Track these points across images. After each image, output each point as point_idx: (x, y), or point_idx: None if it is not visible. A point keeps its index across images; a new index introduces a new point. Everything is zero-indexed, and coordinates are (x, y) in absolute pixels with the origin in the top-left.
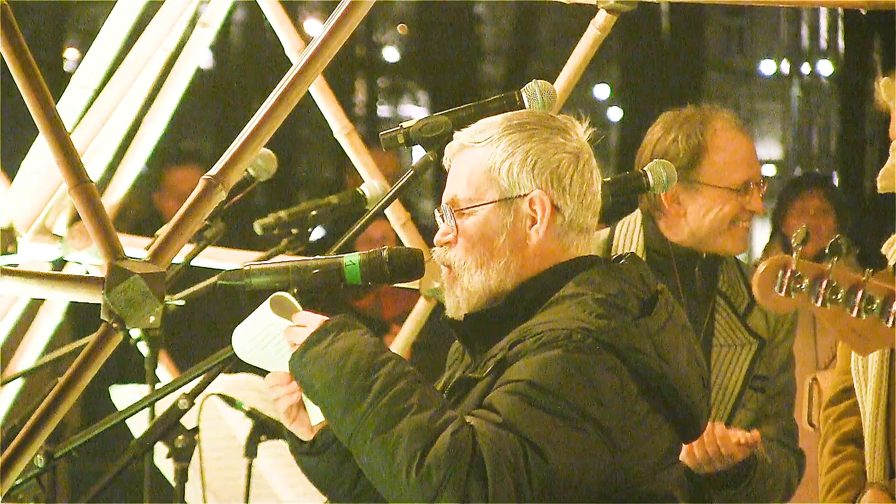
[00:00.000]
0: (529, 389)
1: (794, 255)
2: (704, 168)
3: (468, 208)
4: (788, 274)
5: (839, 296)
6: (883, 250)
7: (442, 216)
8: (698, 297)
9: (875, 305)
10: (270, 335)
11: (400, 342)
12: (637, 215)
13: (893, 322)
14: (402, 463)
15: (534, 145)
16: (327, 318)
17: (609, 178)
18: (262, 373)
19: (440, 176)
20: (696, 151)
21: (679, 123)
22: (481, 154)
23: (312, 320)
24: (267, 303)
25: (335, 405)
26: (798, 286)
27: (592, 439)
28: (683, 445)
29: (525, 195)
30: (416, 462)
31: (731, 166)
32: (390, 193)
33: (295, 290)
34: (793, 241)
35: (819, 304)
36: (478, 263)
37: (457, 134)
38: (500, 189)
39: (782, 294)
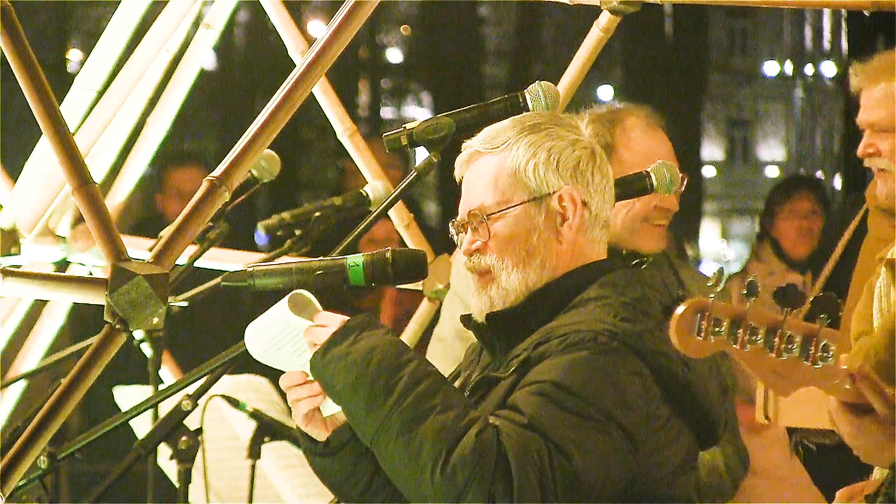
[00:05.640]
0: (555, 391)
1: (713, 298)
2: (613, 167)
3: (498, 212)
4: (706, 318)
5: (758, 337)
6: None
7: (460, 227)
8: None
9: (795, 345)
10: (288, 335)
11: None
12: None
13: (813, 361)
14: (427, 463)
15: (554, 143)
16: (349, 318)
17: (613, 180)
18: (266, 374)
19: (444, 177)
20: (604, 150)
21: (592, 122)
22: (502, 158)
23: (333, 320)
24: (285, 301)
25: (358, 405)
26: (717, 329)
27: (616, 442)
28: None
29: (554, 192)
30: (440, 462)
31: (639, 165)
32: (394, 195)
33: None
34: (709, 282)
35: (738, 346)
36: (514, 263)
37: (468, 142)
38: (528, 190)
39: (701, 338)
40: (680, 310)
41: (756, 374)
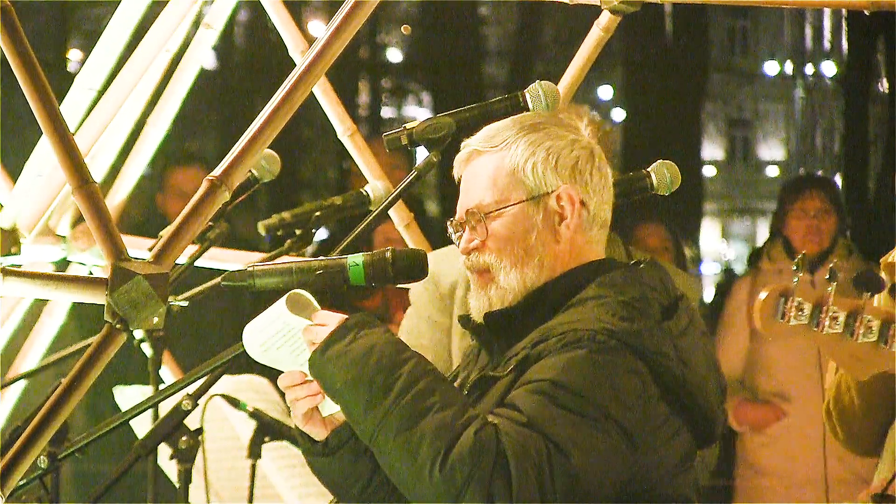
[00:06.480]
0: (553, 389)
1: (796, 281)
2: None
3: (496, 210)
4: (790, 302)
5: (839, 322)
6: (881, 265)
7: (458, 226)
8: None
9: (873, 329)
10: (286, 334)
11: None
12: None
13: (891, 345)
14: (426, 462)
15: (552, 143)
16: (347, 317)
17: (613, 179)
18: (266, 374)
19: (444, 177)
20: None
21: None
22: (501, 157)
23: (332, 319)
24: (283, 301)
25: (357, 404)
26: (799, 313)
27: (614, 440)
28: None
29: (552, 192)
30: (439, 461)
31: None
32: (394, 194)
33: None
34: (793, 266)
35: (819, 330)
36: (513, 262)
37: (467, 141)
38: (526, 189)
39: (784, 321)
40: (763, 294)
41: (834, 358)
